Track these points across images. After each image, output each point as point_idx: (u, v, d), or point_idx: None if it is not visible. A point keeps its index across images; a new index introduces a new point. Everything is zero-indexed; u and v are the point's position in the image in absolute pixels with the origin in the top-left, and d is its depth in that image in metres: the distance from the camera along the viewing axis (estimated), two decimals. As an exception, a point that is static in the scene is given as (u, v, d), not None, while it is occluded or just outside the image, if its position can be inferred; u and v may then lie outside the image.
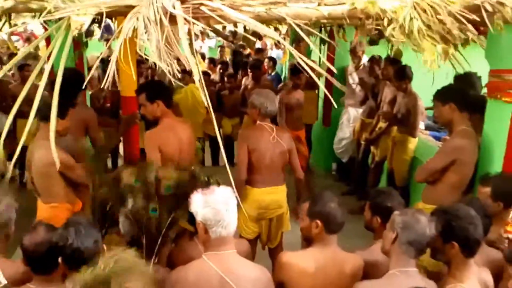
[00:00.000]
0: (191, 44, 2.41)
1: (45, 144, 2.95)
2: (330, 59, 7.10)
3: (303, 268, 2.53)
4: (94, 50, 8.14)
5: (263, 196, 3.83)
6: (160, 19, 2.47)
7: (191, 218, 2.44)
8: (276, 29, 5.50)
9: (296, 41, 6.88)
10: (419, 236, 2.30)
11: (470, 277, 2.35)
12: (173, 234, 2.78)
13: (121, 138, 4.07)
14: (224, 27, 8.83)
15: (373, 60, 6.45)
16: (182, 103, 6.69)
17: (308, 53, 7.53)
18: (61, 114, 3.50)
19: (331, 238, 2.59)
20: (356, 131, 6.50)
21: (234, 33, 5.57)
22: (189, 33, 2.64)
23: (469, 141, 3.37)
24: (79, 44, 5.70)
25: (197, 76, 2.24)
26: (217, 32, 5.19)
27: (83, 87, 4.04)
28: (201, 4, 2.70)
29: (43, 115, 3.41)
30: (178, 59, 2.48)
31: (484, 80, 3.66)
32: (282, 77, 9.53)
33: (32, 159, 3.44)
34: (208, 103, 2.29)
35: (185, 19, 2.58)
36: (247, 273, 2.31)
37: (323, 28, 5.45)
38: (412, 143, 5.25)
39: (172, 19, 2.60)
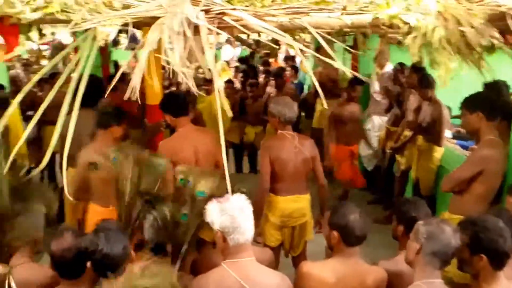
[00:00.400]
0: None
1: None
2: (354, 68, 7.11)
3: (323, 278, 2.52)
4: (121, 59, 8.32)
5: (287, 204, 3.83)
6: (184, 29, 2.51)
7: None
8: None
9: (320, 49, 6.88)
10: (444, 247, 2.26)
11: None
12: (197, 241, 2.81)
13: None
14: (248, 36, 8.88)
15: (398, 68, 6.40)
16: (206, 112, 6.75)
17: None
18: (118, 121, 3.69)
19: (352, 250, 2.57)
20: (381, 139, 6.44)
21: (257, 42, 5.60)
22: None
23: (496, 151, 3.31)
24: (105, 52, 5.82)
25: (216, 86, 2.27)
26: (241, 41, 5.21)
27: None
28: (224, 14, 2.74)
29: (103, 122, 3.60)
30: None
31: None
32: (306, 86, 9.52)
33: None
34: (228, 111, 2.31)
35: (208, 29, 2.62)
36: (267, 280, 2.34)
37: (346, 36, 5.44)
38: (438, 152, 5.17)
39: (196, 29, 2.65)
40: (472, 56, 3.64)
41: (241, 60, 11.88)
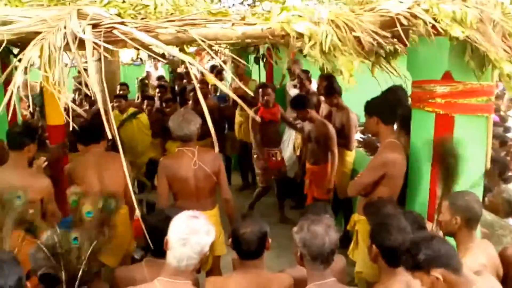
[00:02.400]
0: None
1: None
2: (270, 78, 7.19)
3: None
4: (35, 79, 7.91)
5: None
6: (67, 44, 2.38)
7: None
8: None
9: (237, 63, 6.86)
10: (319, 250, 2.28)
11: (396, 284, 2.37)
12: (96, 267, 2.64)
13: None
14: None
15: (302, 76, 6.51)
16: (129, 130, 6.59)
17: (248, 73, 7.56)
18: (33, 139, 3.54)
19: (250, 262, 2.55)
20: (297, 147, 6.50)
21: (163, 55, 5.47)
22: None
23: (396, 154, 3.40)
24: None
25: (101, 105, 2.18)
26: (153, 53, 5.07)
27: None
28: (113, 28, 2.64)
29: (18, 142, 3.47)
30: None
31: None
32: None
33: None
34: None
35: (96, 43, 2.50)
36: None
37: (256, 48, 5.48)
38: (350, 156, 5.31)
39: (83, 43, 2.53)
40: (375, 60, 3.79)
41: (160, 78, 11.69)
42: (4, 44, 2.32)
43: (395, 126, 3.73)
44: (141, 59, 14.51)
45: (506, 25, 2.99)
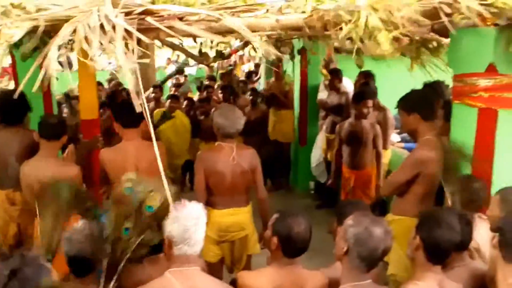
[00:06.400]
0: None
1: None
2: (304, 76, 7.09)
3: (257, 287, 2.41)
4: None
5: (223, 218, 3.63)
6: (102, 25, 2.35)
7: None
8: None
9: (276, 60, 6.77)
10: (371, 252, 2.15)
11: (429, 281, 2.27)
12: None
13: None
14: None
15: (334, 74, 6.30)
16: (167, 130, 6.61)
17: (283, 72, 7.50)
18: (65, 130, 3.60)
19: (291, 260, 2.47)
20: (323, 149, 6.35)
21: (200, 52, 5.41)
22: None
23: (432, 151, 3.25)
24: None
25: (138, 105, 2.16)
26: (183, 51, 5.04)
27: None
28: (146, 13, 2.61)
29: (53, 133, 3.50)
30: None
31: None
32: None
33: None
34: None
35: (127, 31, 2.46)
36: None
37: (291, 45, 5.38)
38: (385, 156, 5.14)
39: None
40: (415, 55, 3.67)
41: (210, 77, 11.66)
42: (41, 29, 2.31)
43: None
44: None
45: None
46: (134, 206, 2.63)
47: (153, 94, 7.89)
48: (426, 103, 3.40)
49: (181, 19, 2.73)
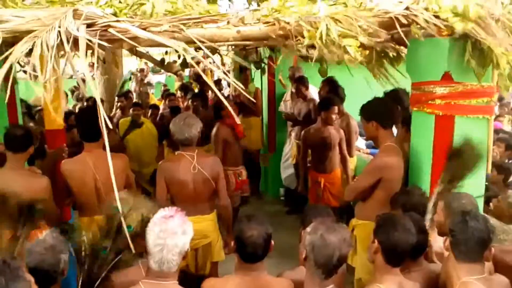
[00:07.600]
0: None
1: None
2: (272, 84, 7.16)
3: None
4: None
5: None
6: (61, 42, 2.36)
7: None
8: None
9: (244, 68, 6.81)
10: (326, 260, 2.17)
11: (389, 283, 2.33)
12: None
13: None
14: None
15: (299, 81, 6.35)
16: (136, 138, 6.50)
17: (251, 80, 7.54)
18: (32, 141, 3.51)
19: (253, 265, 2.48)
20: (293, 155, 6.41)
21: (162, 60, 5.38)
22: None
23: (393, 158, 3.35)
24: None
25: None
26: (150, 59, 5.05)
27: None
28: (109, 26, 2.62)
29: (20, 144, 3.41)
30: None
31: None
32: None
33: None
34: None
35: (91, 41, 2.48)
36: None
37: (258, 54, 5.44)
38: (351, 162, 5.24)
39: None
40: (376, 65, 3.76)
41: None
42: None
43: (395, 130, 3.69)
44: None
45: (507, 21, 2.96)
46: (114, 225, 2.60)
47: (119, 103, 7.83)
48: (384, 111, 3.49)
49: (144, 29, 2.74)
